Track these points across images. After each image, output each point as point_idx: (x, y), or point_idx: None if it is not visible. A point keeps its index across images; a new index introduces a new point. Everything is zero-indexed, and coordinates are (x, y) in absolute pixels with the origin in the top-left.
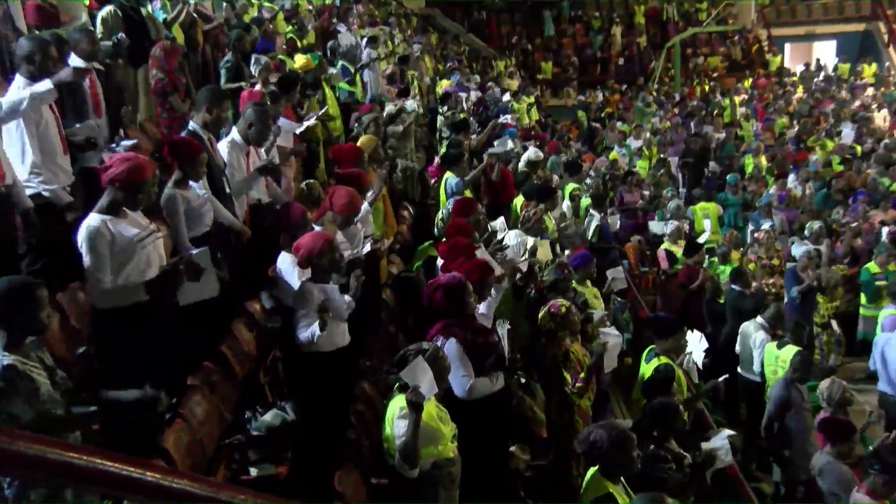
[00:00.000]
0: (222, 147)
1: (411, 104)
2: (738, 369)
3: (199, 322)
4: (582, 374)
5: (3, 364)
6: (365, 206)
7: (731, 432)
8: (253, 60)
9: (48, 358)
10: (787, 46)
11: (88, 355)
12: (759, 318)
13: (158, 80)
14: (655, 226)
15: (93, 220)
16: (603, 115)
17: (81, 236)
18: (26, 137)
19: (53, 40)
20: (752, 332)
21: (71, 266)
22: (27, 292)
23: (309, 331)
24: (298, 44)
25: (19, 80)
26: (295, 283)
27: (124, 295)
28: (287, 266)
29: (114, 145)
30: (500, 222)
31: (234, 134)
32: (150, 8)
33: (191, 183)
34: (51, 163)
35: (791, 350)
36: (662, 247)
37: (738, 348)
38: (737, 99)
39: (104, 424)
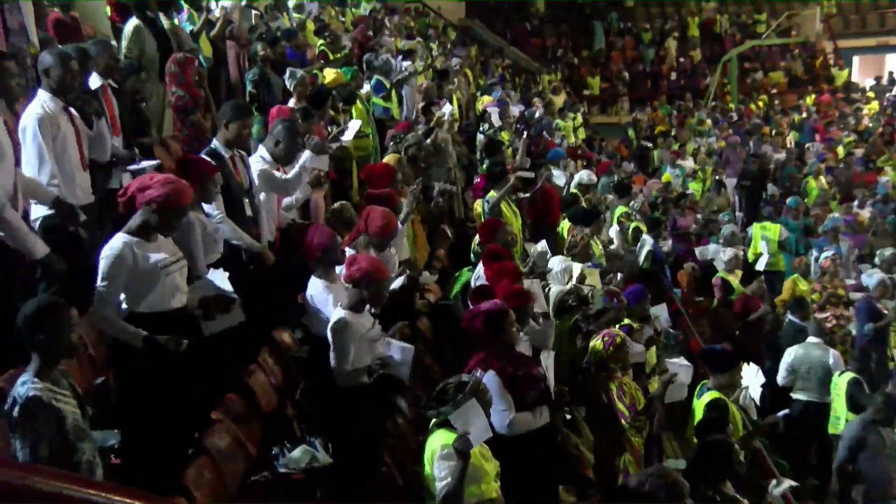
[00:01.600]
0: (253, 165)
1: (447, 108)
2: (792, 394)
3: (224, 352)
4: (640, 408)
5: (28, 395)
6: (399, 227)
7: (794, 483)
8: (288, 74)
9: (76, 385)
10: (856, 59)
11: (107, 386)
12: (811, 337)
13: (178, 97)
14: (710, 251)
15: (117, 240)
16: (654, 133)
17: (102, 256)
18: (44, 149)
19: (76, 54)
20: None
21: (88, 290)
22: (56, 313)
23: (349, 367)
24: (331, 56)
25: (42, 94)
26: (328, 310)
27: (121, 331)
28: (319, 292)
29: (134, 166)
30: (541, 245)
31: (263, 151)
32: (176, 20)
33: (203, 205)
34: (67, 177)
35: (847, 377)
36: (718, 275)
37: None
38: (795, 117)
39: (124, 458)
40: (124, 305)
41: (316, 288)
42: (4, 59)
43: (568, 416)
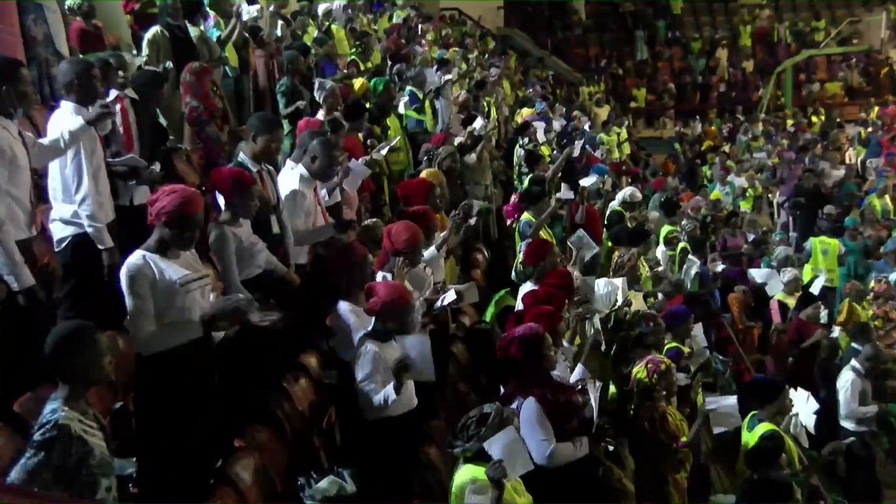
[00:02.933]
0: (286, 181)
1: (480, 123)
2: (845, 423)
3: (248, 377)
4: (684, 439)
5: (57, 422)
6: (432, 250)
7: None
8: (317, 85)
9: (100, 416)
10: None
11: (125, 411)
12: (853, 361)
13: (192, 108)
14: (760, 274)
15: (135, 257)
16: (703, 148)
17: (123, 274)
18: (84, 167)
19: (98, 64)
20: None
21: (107, 312)
22: (86, 338)
23: (380, 395)
24: (361, 66)
25: (67, 105)
26: (354, 335)
27: (172, 334)
28: (346, 315)
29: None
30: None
31: (301, 168)
32: (202, 27)
33: (241, 220)
34: (102, 196)
35: None
36: (776, 297)
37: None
38: (862, 131)
39: (143, 488)
40: None
41: (342, 310)
42: (20, 67)
43: (610, 448)
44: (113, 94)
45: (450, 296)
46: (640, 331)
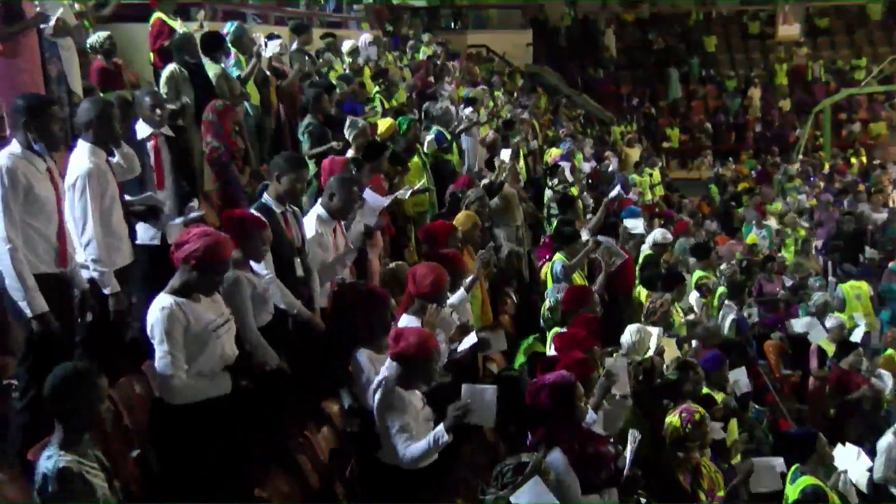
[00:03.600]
0: (308, 222)
1: (505, 153)
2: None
3: (269, 424)
4: (720, 493)
5: (57, 466)
6: (461, 292)
7: None
8: (348, 123)
9: (104, 458)
10: None
11: (143, 459)
12: None
13: (213, 148)
14: (801, 324)
15: (165, 300)
16: (738, 190)
17: (153, 318)
18: (89, 208)
19: (118, 103)
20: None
21: (123, 358)
22: (85, 381)
23: (417, 447)
24: (385, 104)
25: (83, 145)
26: (371, 384)
27: (205, 386)
28: (365, 361)
29: (179, 219)
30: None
31: (319, 208)
32: (223, 65)
33: (252, 264)
34: (112, 238)
35: None
36: (817, 343)
37: None
38: None
39: None
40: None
41: (360, 358)
42: (49, 105)
43: (642, 501)
44: (146, 130)
45: (470, 339)
46: (676, 378)
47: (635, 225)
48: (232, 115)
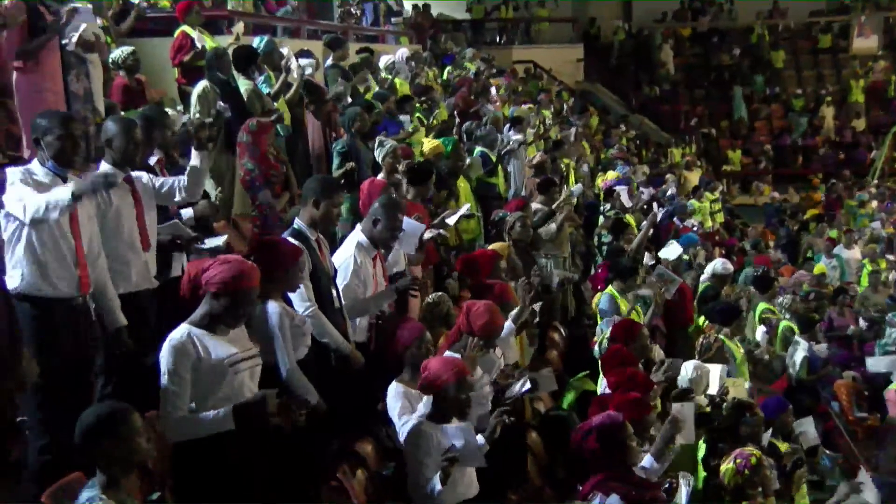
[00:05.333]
0: (344, 252)
1: (578, 188)
2: None
3: (297, 466)
4: None
5: None
6: (508, 325)
7: None
8: (377, 144)
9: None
10: None
11: (163, 501)
12: None
13: (248, 171)
14: (879, 363)
15: (179, 331)
16: (806, 217)
17: (163, 349)
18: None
19: (142, 122)
20: None
21: (145, 393)
22: (118, 419)
23: (428, 485)
24: (425, 122)
25: (104, 167)
26: (400, 420)
27: (201, 423)
28: (391, 397)
29: (199, 246)
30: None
31: (360, 235)
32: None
33: (293, 296)
34: (119, 262)
35: None
36: (891, 387)
37: None
38: None
39: None
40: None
41: (392, 393)
42: (70, 121)
43: None
44: (156, 155)
45: (524, 384)
46: (739, 422)
47: (670, 253)
48: (267, 134)
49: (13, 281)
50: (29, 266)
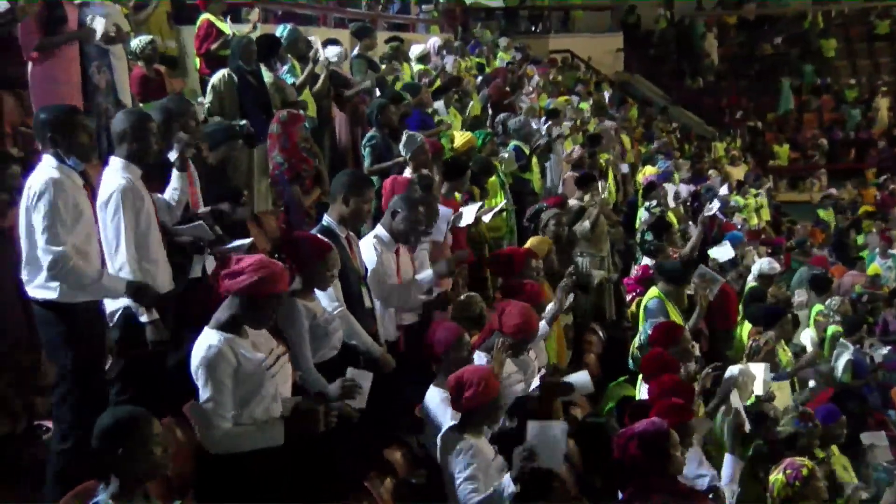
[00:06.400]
0: (364, 246)
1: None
2: None
3: (324, 473)
4: None
5: None
6: (542, 326)
7: None
8: (405, 139)
9: None
10: None
11: None
12: None
13: (277, 164)
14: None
15: (212, 337)
16: (858, 214)
17: (198, 358)
18: (122, 228)
19: (160, 114)
20: None
21: (164, 398)
22: (137, 427)
23: (478, 498)
24: (458, 116)
25: (116, 161)
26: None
27: (252, 436)
28: (436, 405)
29: (222, 247)
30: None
31: (379, 229)
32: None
33: (317, 293)
34: (149, 262)
35: None
36: None
37: None
38: None
39: None
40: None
41: (432, 399)
42: (76, 115)
43: None
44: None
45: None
46: (794, 429)
47: (722, 254)
48: (298, 125)
49: (49, 293)
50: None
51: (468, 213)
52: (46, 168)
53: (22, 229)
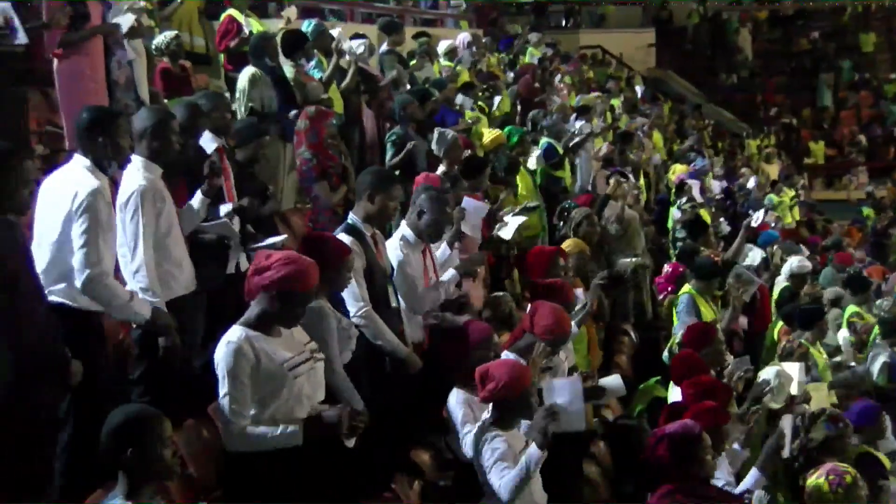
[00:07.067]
0: (391, 247)
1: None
2: None
3: (351, 475)
4: None
5: None
6: (572, 326)
7: None
8: (436, 136)
9: None
10: None
11: None
12: None
13: (304, 160)
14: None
15: (234, 334)
16: None
17: (219, 354)
18: (141, 231)
19: (185, 112)
20: None
21: (188, 398)
22: (147, 426)
23: (509, 477)
24: (486, 111)
25: (137, 160)
26: (465, 428)
27: (269, 438)
28: (456, 405)
29: (256, 244)
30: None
31: (405, 229)
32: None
33: (345, 295)
34: (170, 265)
35: None
36: None
37: None
38: None
39: None
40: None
41: (455, 400)
42: (119, 117)
43: None
44: (212, 144)
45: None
46: (826, 433)
47: (751, 258)
48: (326, 121)
49: (82, 300)
50: None
51: (511, 226)
52: (87, 176)
53: (46, 229)
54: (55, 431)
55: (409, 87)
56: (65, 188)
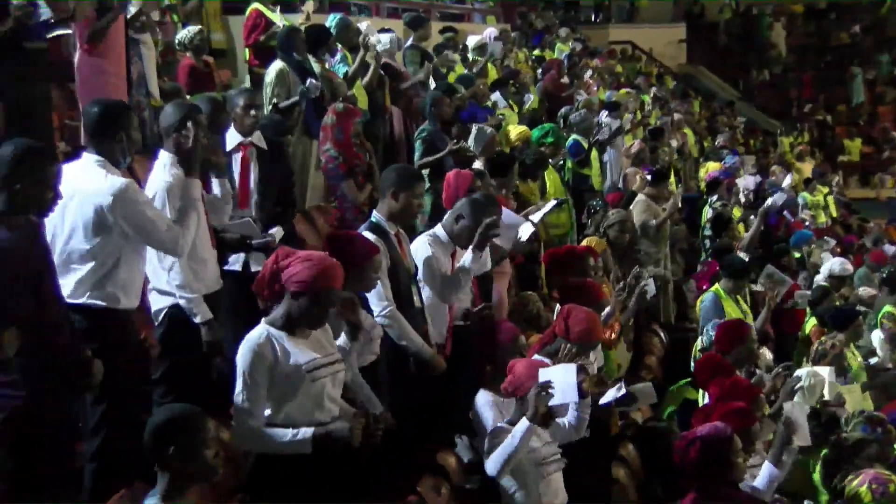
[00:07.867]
0: (418, 243)
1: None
2: None
3: (374, 478)
4: None
5: None
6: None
7: None
8: (475, 132)
9: None
10: None
11: None
12: None
13: (330, 158)
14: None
15: (257, 332)
16: None
17: (240, 352)
18: None
19: (208, 106)
20: None
21: (212, 398)
22: (189, 425)
23: (497, 451)
24: (515, 109)
25: (164, 156)
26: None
27: (277, 442)
28: (482, 407)
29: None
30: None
31: (439, 229)
32: (327, 64)
33: (368, 296)
34: (197, 262)
35: None
36: None
37: None
38: None
39: None
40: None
41: (481, 401)
42: (129, 110)
43: None
44: (235, 140)
45: (619, 390)
46: (862, 435)
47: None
48: (353, 119)
49: (111, 301)
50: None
51: (540, 212)
52: (111, 177)
53: (67, 230)
54: (71, 431)
55: (432, 82)
56: (88, 197)
